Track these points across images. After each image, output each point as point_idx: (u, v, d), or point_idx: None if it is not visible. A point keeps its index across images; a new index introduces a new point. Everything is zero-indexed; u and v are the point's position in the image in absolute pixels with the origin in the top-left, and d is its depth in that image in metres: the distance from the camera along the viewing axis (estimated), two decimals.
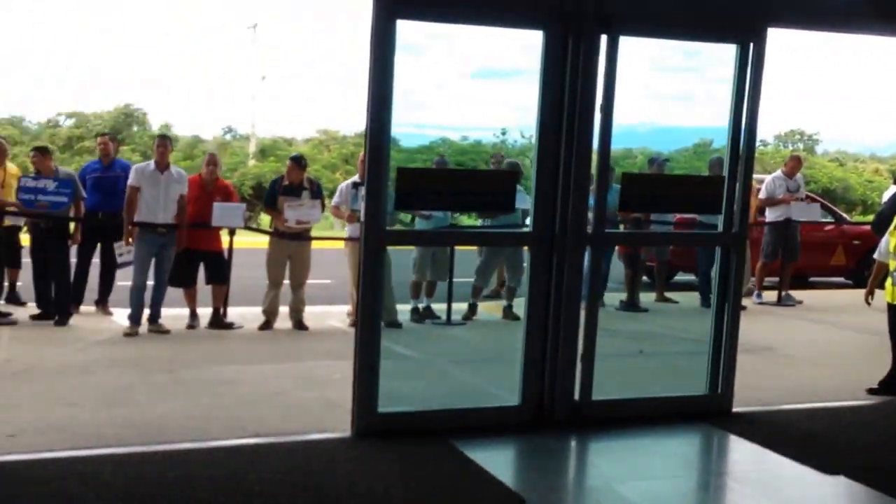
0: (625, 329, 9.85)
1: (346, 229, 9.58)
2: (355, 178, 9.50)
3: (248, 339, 8.91)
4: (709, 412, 6.16)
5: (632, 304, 11.06)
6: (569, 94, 5.56)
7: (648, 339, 9.58)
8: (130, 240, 8.76)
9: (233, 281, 9.62)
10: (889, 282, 6.84)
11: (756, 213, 11.57)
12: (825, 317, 10.99)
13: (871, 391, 7.05)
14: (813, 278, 14.55)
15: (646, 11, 5.77)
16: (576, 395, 5.88)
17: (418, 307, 9.84)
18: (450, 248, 9.57)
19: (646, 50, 6.06)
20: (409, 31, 5.26)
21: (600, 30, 5.57)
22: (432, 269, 9.81)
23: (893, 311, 6.91)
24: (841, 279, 14.74)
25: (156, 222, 8.74)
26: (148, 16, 58.30)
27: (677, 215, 9.89)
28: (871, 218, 9.76)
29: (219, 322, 9.28)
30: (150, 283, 8.89)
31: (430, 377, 7.43)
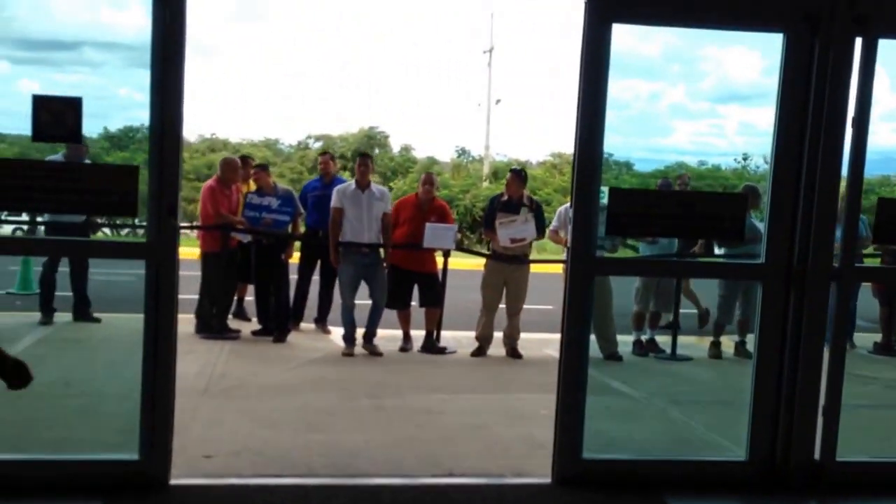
0: (880, 377, 8.69)
1: (565, 255, 9.09)
2: None
3: (458, 366, 8.60)
4: None
5: (888, 348, 9.81)
6: (813, 106, 4.79)
7: None
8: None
9: (448, 304, 9.38)
10: None
11: None
12: None
13: None
14: None
15: None
16: (816, 454, 5.04)
17: (641, 339, 9.17)
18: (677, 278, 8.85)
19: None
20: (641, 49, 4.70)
21: (855, 32, 4.76)
22: (656, 298, 9.12)
23: None
24: None
25: (360, 242, 8.64)
26: (390, 41, 60.48)
27: None
28: None
29: (431, 346, 9.04)
30: (363, 302, 8.81)
31: (647, 419, 6.77)
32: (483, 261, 9.51)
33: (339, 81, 55.75)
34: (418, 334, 9.21)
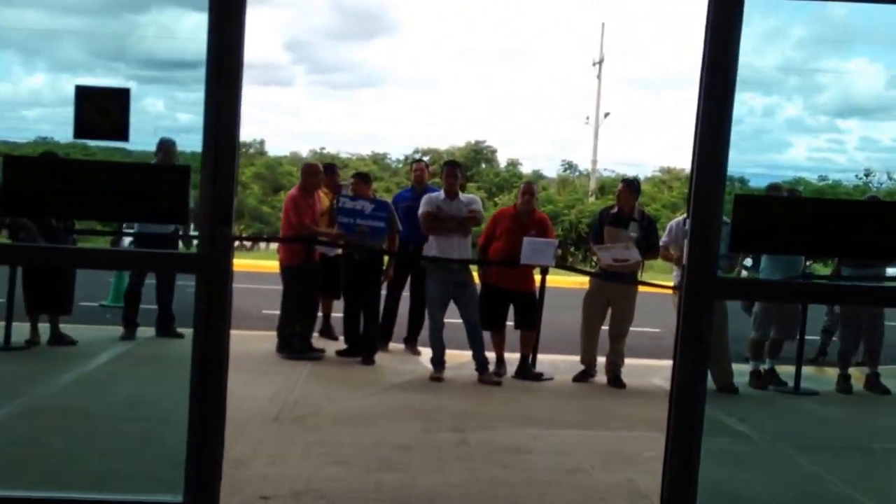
0: None
1: (674, 274, 8.26)
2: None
3: (555, 395, 7.85)
4: None
5: None
6: None
7: None
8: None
9: (545, 325, 8.64)
10: None
11: None
12: None
13: None
14: None
15: None
16: None
17: (759, 369, 8.25)
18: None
19: None
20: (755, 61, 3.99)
21: None
22: (779, 323, 8.20)
23: None
24: None
25: (450, 257, 8.00)
26: (494, 53, 60.10)
27: None
28: None
29: (526, 372, 8.32)
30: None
31: (769, 466, 5.90)
32: (587, 279, 8.76)
33: (450, 94, 55.63)
34: (512, 357, 8.51)
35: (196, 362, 4.30)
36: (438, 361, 8.09)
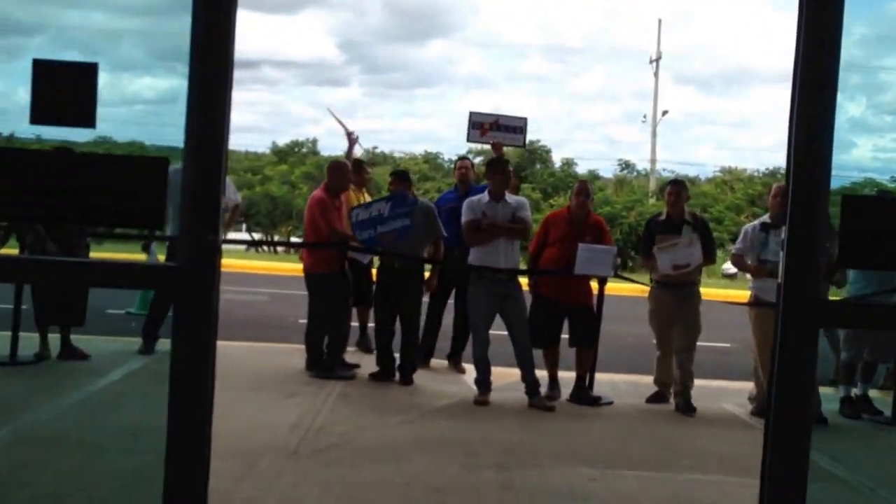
0: None
1: (751, 286, 7.30)
2: (764, 217, 7.22)
3: (615, 423, 6.94)
4: None
5: None
6: None
7: None
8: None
9: (603, 339, 7.71)
10: None
11: None
12: None
13: None
14: None
15: None
16: None
17: (851, 396, 7.26)
18: None
19: None
20: None
21: None
22: (871, 344, 7.20)
23: None
24: None
25: (496, 266, 7.13)
26: (549, 50, 59.03)
27: None
28: None
29: (582, 395, 7.42)
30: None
31: None
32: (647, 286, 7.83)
33: (504, 94, 54.72)
34: (566, 376, 7.61)
35: (174, 391, 3.50)
36: (484, 383, 7.24)
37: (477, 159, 39.73)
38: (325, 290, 7.73)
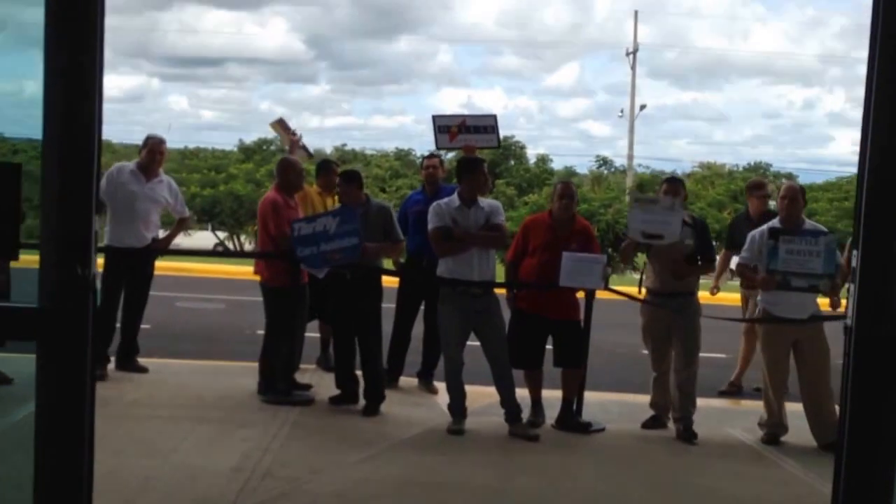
0: None
1: (759, 298, 6.47)
2: (773, 222, 6.39)
3: (608, 454, 6.11)
4: None
5: None
6: None
7: None
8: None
9: (592, 351, 6.82)
10: None
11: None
12: None
13: None
14: None
15: None
16: None
17: None
18: None
19: None
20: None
21: None
22: None
23: None
24: None
25: (469, 279, 6.27)
26: (522, 45, 58.31)
27: None
28: None
29: (570, 421, 6.56)
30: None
31: None
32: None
33: (477, 89, 53.89)
34: (551, 395, 6.75)
35: (40, 475, 2.63)
36: (457, 410, 6.38)
37: (450, 155, 39.05)
38: (283, 305, 6.82)
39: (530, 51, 61.47)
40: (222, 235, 29.18)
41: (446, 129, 7.59)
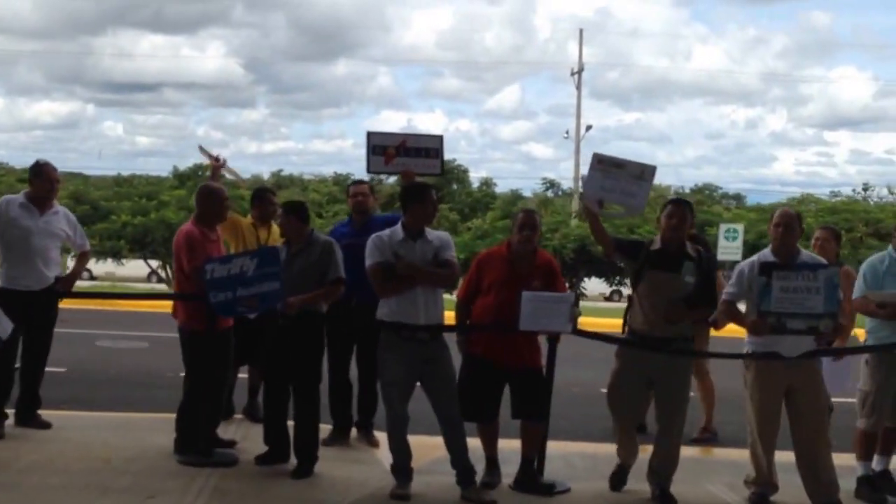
0: None
1: (747, 340, 5.74)
2: (764, 254, 5.66)
3: None
4: None
5: None
6: None
7: None
8: None
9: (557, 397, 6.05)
10: None
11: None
12: None
13: None
14: None
15: None
16: None
17: (870, 473, 5.80)
18: None
19: None
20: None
21: None
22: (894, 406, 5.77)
23: None
24: None
25: (415, 322, 5.45)
26: (462, 66, 58.00)
27: None
28: None
29: (531, 482, 5.76)
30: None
31: None
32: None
33: (416, 112, 53.28)
34: (507, 446, 5.96)
35: None
36: (403, 471, 5.55)
37: (391, 179, 38.38)
38: (201, 352, 5.94)
39: (471, 73, 61.22)
40: (155, 264, 28.01)
41: (382, 149, 6.74)
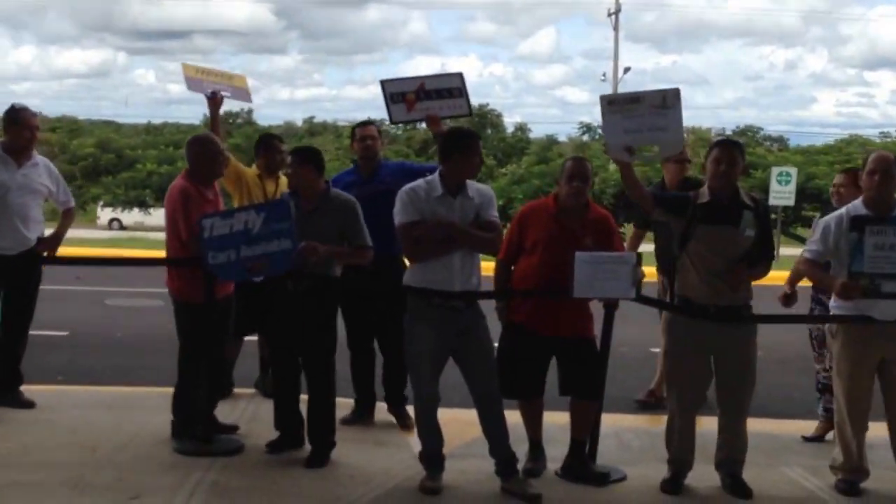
0: None
1: (833, 304, 4.84)
2: (854, 205, 4.73)
3: None
4: None
5: None
6: None
7: None
8: None
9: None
10: None
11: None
12: None
13: None
14: None
15: None
16: None
17: None
18: None
19: None
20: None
21: None
22: None
23: None
24: None
25: (449, 289, 4.60)
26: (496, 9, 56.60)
27: None
28: None
29: (581, 468, 4.96)
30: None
31: None
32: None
33: (450, 57, 52.08)
34: (552, 422, 5.17)
35: None
36: (433, 459, 4.77)
37: (423, 125, 37.28)
38: (196, 325, 5.15)
39: (505, 16, 59.71)
40: None
41: (401, 96, 5.91)
